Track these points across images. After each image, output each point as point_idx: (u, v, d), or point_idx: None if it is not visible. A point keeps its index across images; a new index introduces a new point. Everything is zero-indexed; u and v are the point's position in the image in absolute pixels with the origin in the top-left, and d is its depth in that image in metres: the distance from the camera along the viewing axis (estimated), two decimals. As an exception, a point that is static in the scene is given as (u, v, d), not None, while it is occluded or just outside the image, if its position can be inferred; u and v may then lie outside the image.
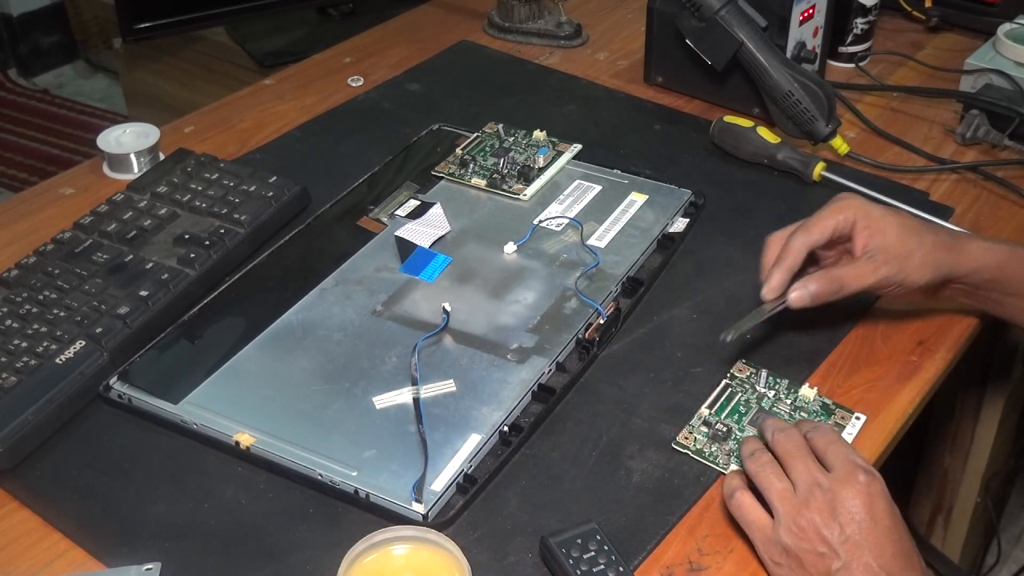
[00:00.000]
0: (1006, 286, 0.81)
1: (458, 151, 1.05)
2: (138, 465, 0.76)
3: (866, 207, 0.80)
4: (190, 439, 0.78)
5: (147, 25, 1.52)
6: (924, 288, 0.80)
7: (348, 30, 1.36)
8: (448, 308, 0.85)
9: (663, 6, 1.14)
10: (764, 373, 0.81)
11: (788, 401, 0.80)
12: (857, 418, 0.79)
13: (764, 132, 1.04)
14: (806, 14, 1.09)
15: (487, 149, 1.06)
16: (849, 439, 0.77)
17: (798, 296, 0.78)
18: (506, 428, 0.76)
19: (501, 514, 0.72)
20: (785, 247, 0.80)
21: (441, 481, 0.72)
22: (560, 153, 1.04)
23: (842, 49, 1.22)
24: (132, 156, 1.05)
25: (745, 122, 1.06)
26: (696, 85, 1.16)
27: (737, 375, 0.82)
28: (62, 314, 0.84)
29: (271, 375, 0.81)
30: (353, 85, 1.22)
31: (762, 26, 1.06)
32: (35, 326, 0.83)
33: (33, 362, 0.79)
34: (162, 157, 1.05)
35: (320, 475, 0.73)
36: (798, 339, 0.86)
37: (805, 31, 1.10)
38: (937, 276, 0.79)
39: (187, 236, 0.92)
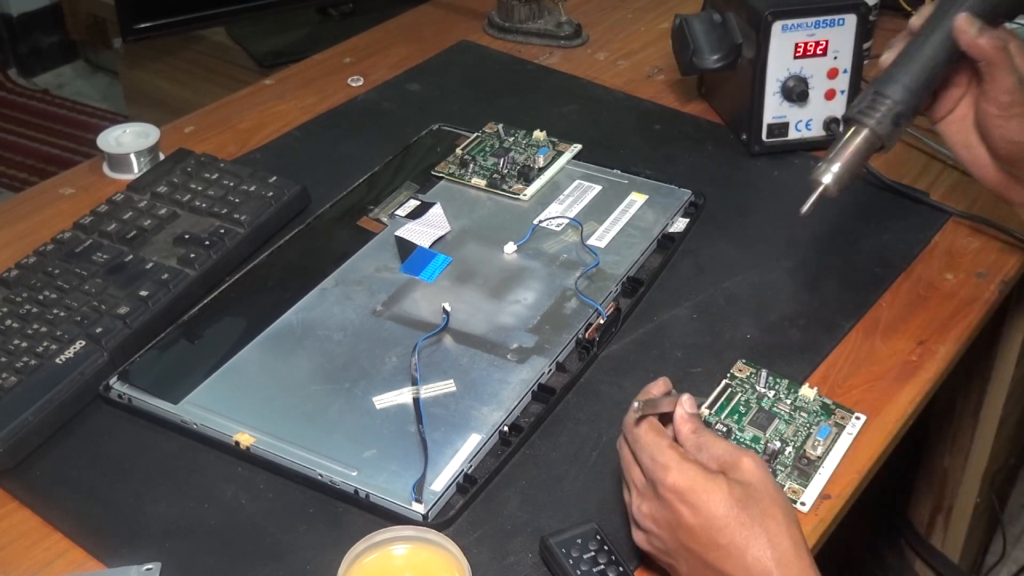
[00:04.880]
0: None
1: (458, 151, 1.05)
2: (138, 465, 0.76)
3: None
4: (190, 439, 0.78)
5: (147, 25, 1.52)
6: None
7: (348, 30, 1.36)
8: (448, 308, 0.85)
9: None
10: (764, 373, 0.81)
11: (788, 401, 0.80)
12: (857, 418, 0.79)
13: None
14: (803, 49, 1.02)
15: (487, 149, 1.06)
16: (849, 439, 0.77)
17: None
18: (506, 428, 0.76)
19: (501, 514, 0.72)
20: None
21: (441, 481, 0.72)
22: (560, 153, 1.04)
23: (842, 49, 1.22)
24: (132, 156, 1.05)
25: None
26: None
27: (737, 375, 0.82)
28: (62, 314, 0.84)
29: (271, 375, 0.81)
30: (353, 85, 1.22)
31: (736, 43, 1.04)
32: (35, 326, 0.83)
33: (33, 362, 0.79)
34: (162, 157, 1.05)
35: (320, 475, 0.73)
36: (798, 339, 0.86)
37: (809, 66, 1.03)
38: None
39: (187, 236, 0.92)
